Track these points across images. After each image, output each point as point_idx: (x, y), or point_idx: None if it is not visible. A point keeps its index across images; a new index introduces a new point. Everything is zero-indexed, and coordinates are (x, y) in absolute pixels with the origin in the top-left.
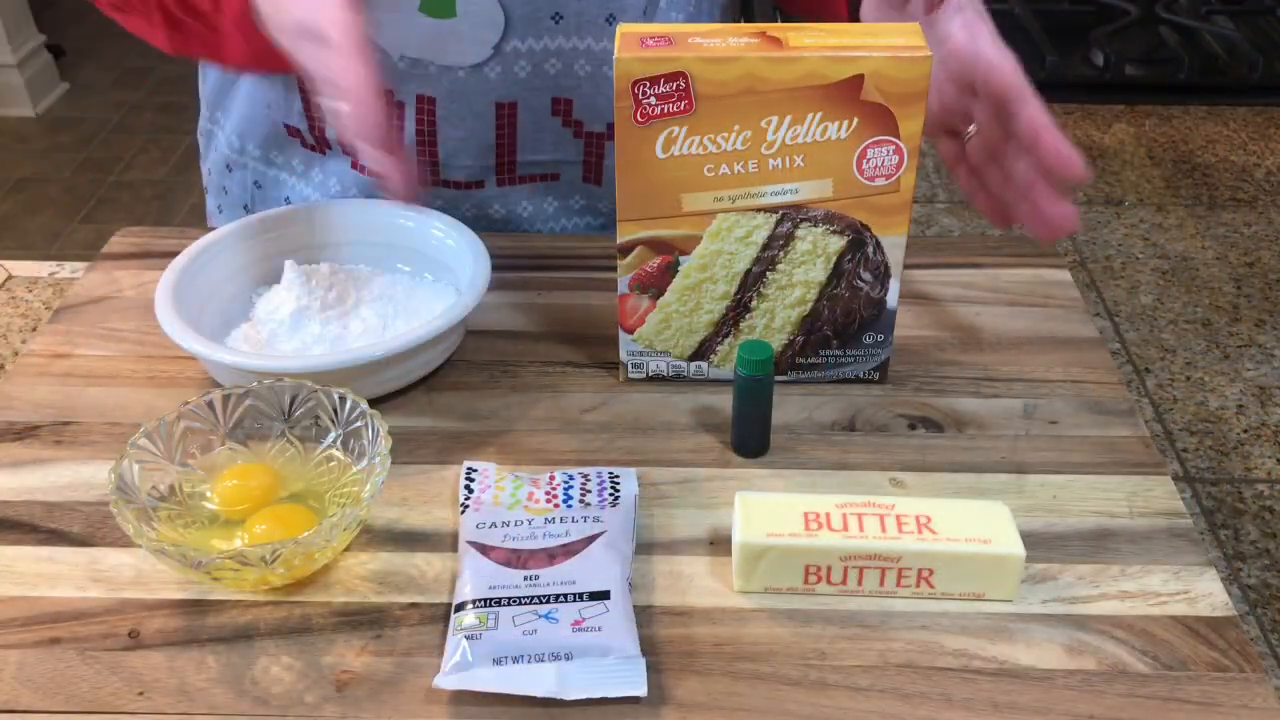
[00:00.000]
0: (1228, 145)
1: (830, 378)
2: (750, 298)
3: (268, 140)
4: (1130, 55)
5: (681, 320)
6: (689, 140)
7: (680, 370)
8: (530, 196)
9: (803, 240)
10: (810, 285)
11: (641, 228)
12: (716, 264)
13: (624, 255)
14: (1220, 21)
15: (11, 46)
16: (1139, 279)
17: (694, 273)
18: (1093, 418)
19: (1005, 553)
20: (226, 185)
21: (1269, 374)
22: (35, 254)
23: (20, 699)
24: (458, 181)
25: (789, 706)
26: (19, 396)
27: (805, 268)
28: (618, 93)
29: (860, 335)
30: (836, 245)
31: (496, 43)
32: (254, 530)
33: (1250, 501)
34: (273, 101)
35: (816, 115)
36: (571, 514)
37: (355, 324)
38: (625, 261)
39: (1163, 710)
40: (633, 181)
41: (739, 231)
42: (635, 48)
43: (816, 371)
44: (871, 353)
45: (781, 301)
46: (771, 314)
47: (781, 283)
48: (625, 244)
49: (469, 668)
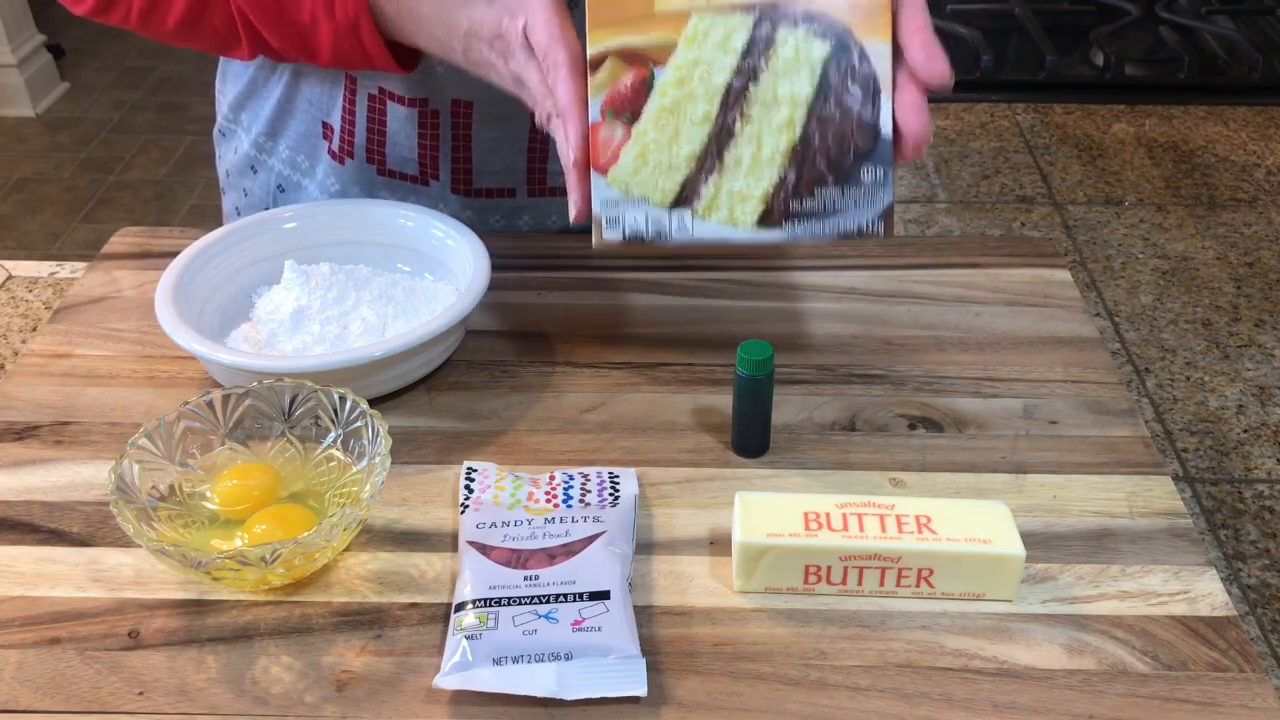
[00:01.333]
0: (1228, 145)
1: (832, 232)
2: (733, 120)
3: (300, 139)
4: (1130, 55)
5: (660, 153)
6: None
7: (661, 226)
8: (560, 210)
9: (784, 44)
10: (797, 102)
11: (612, 34)
12: (694, 77)
13: (594, 70)
14: (1220, 21)
15: (11, 46)
16: (1139, 279)
17: (671, 90)
18: (1093, 418)
19: (1005, 553)
20: (248, 187)
21: (1269, 374)
22: (35, 254)
23: (20, 699)
24: (489, 189)
25: (789, 706)
26: (19, 396)
27: (790, 79)
28: None
29: (857, 170)
30: (821, 51)
31: None
32: (254, 530)
33: (1250, 501)
34: (314, 98)
35: None
36: (571, 514)
37: (355, 324)
38: (596, 79)
39: (1163, 710)
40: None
41: (716, 35)
42: None
43: (815, 222)
44: (872, 195)
45: (767, 124)
46: (758, 141)
47: (766, 99)
48: (596, 56)
49: (469, 668)
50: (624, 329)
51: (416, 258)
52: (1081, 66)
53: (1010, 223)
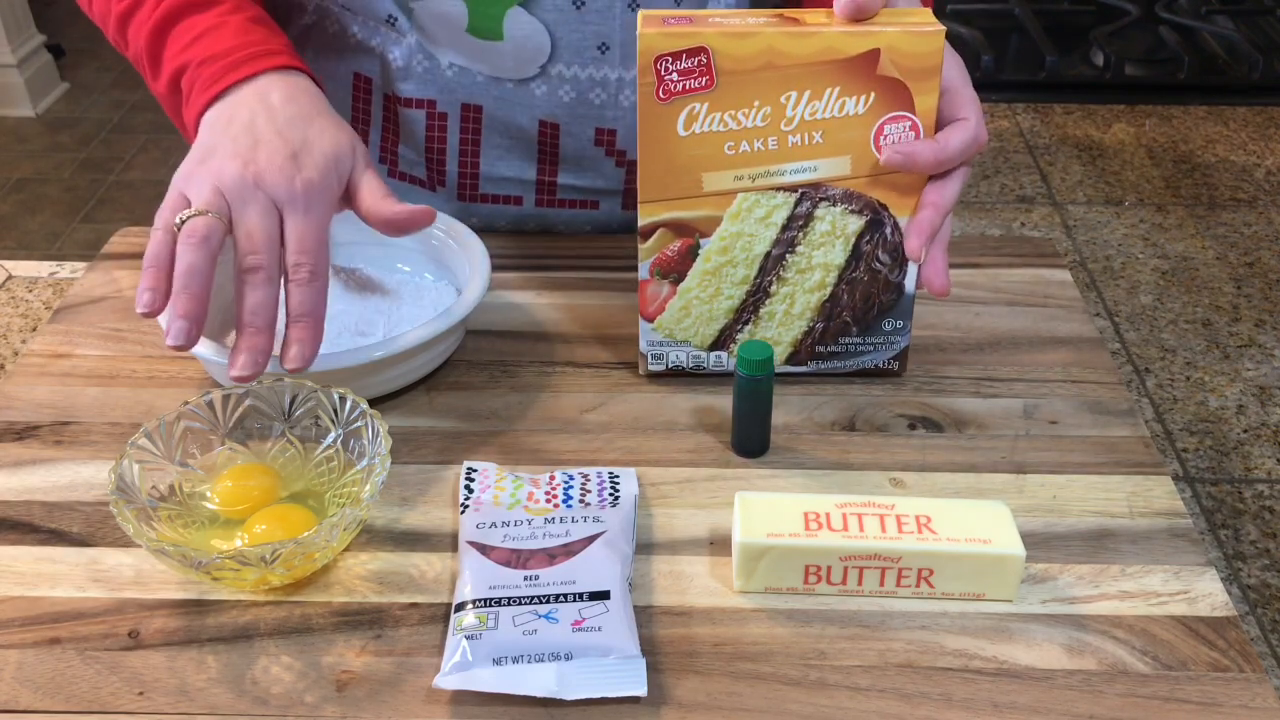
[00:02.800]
0: (1228, 145)
1: (850, 368)
2: (770, 282)
3: None
4: (1130, 55)
5: (702, 307)
6: (710, 117)
7: (700, 361)
8: (568, 222)
9: (822, 220)
10: (829, 268)
11: (663, 209)
12: (737, 246)
13: (645, 239)
14: (1220, 21)
15: (11, 46)
16: (1139, 279)
17: (714, 256)
18: (1093, 418)
19: (1005, 553)
20: None
21: (1269, 374)
22: (35, 254)
23: (20, 699)
24: (496, 195)
25: (789, 706)
26: (19, 396)
27: (824, 249)
28: (640, 69)
29: (879, 322)
30: (855, 225)
31: (544, 64)
32: (254, 530)
33: (1250, 501)
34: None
35: (834, 90)
36: (571, 514)
37: (356, 324)
38: (646, 245)
39: (1162, 710)
40: (654, 161)
41: (759, 212)
42: (658, 24)
43: (836, 361)
44: (891, 340)
45: (801, 286)
46: (791, 299)
47: (801, 265)
48: (646, 227)
49: (469, 668)
50: (624, 329)
51: (416, 257)
52: (1081, 66)
53: (1010, 223)
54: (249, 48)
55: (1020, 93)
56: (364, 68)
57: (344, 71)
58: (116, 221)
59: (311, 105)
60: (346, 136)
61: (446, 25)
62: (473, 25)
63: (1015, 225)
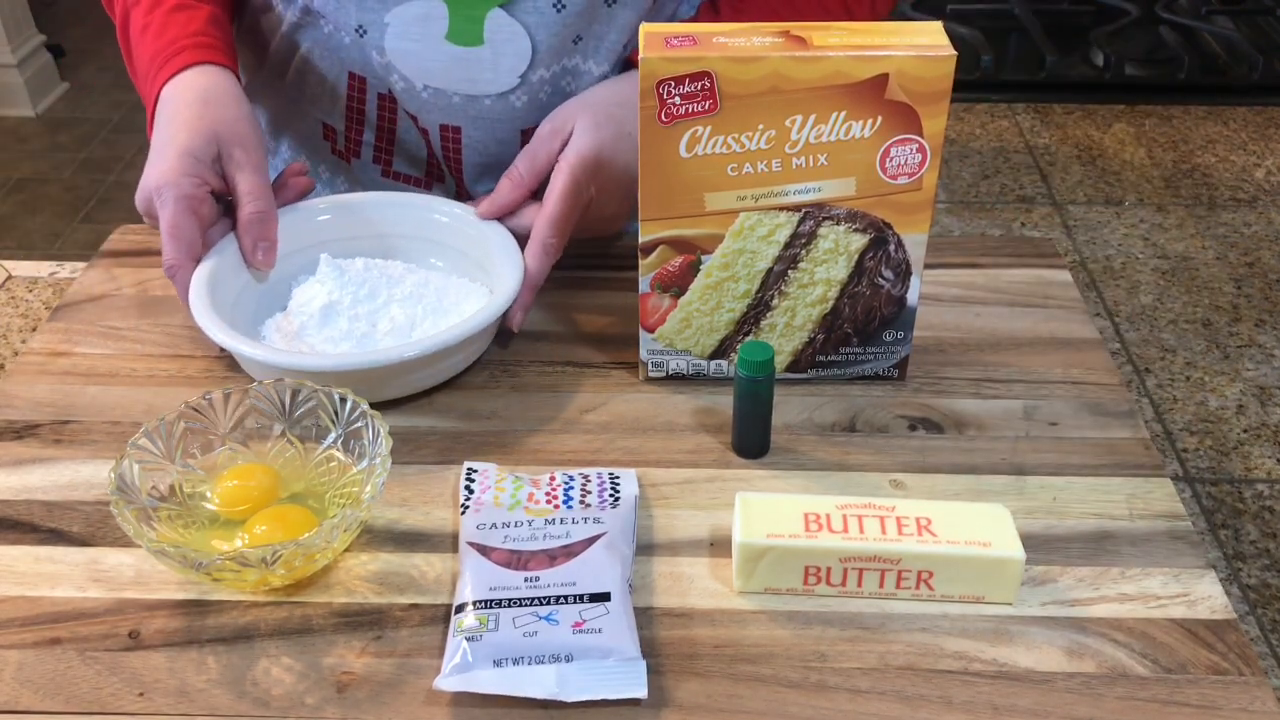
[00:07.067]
0: (1228, 145)
1: (850, 375)
2: (771, 296)
3: (301, 140)
4: (1130, 55)
5: (703, 319)
6: (713, 140)
7: (700, 369)
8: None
9: (825, 239)
10: (832, 283)
11: (664, 227)
12: (739, 263)
13: (645, 255)
14: (1220, 21)
15: (11, 46)
16: (1139, 279)
17: (716, 271)
18: (1093, 419)
19: (1005, 555)
20: None
21: (1269, 374)
22: (35, 254)
23: (20, 699)
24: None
25: (789, 709)
26: (19, 395)
27: (827, 266)
28: (642, 92)
29: (880, 333)
30: (859, 243)
31: (524, 71)
32: (254, 531)
33: (1250, 501)
34: (316, 99)
35: (841, 114)
36: (572, 515)
37: (383, 322)
38: (647, 261)
39: (1162, 713)
40: (655, 181)
41: (761, 230)
42: (660, 47)
43: (836, 370)
44: (891, 350)
45: (803, 300)
46: (792, 312)
47: (803, 281)
48: (647, 243)
49: (469, 669)
50: (624, 329)
51: (451, 253)
52: (1081, 66)
53: (1010, 223)
54: (159, 55)
55: (1020, 93)
56: (357, 67)
57: (337, 70)
58: (116, 221)
59: (173, 116)
60: (172, 162)
61: (423, 35)
62: (453, 30)
63: (1015, 225)
